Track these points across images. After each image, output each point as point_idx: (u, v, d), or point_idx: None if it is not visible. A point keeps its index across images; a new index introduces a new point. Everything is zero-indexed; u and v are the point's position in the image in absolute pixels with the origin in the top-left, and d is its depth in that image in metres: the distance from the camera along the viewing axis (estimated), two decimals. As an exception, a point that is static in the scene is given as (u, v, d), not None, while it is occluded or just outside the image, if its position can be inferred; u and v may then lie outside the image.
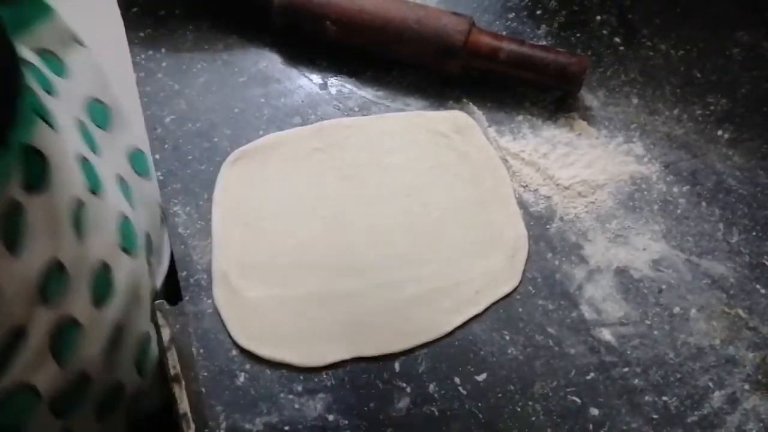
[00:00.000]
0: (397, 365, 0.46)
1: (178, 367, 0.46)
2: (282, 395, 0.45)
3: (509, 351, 0.47)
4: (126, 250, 0.40)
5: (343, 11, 0.55)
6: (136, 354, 0.43)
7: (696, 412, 0.44)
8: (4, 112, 0.29)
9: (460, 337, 0.47)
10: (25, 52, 0.39)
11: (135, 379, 0.44)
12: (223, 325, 0.47)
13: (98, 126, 0.44)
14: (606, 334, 0.47)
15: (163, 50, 0.59)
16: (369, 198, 0.52)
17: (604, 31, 0.59)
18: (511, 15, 0.60)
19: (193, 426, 0.44)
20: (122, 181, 0.43)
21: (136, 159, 0.45)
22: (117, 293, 0.39)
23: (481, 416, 0.45)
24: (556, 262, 0.49)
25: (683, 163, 0.53)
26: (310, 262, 0.49)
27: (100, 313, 0.38)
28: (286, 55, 0.59)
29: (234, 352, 0.47)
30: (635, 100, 0.56)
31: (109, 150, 0.44)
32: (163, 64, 0.58)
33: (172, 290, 0.58)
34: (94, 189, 0.38)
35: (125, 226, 0.41)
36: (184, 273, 0.49)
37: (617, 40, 0.58)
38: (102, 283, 0.38)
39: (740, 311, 0.47)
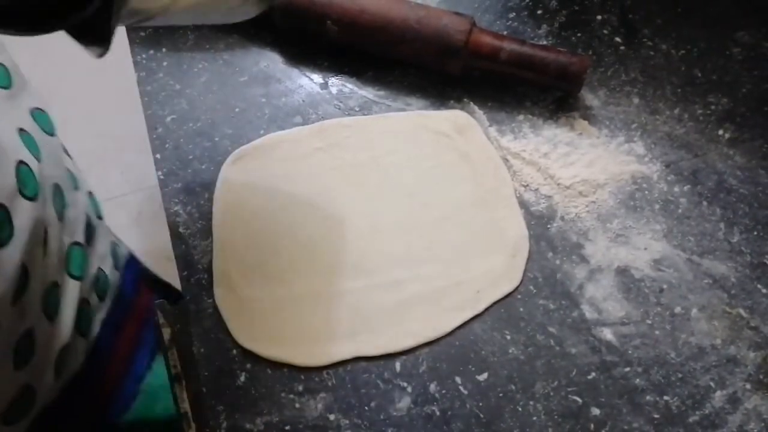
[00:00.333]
0: (397, 365, 0.46)
1: (179, 367, 0.46)
2: (283, 395, 0.45)
3: (510, 351, 0.46)
4: (27, 197, 0.41)
5: (344, 11, 0.55)
6: (43, 300, 0.43)
7: (697, 412, 0.44)
8: None
9: (461, 337, 0.47)
10: None
11: (45, 326, 0.44)
12: (224, 325, 0.47)
13: None
14: (607, 334, 0.47)
15: (164, 50, 0.59)
16: (370, 197, 0.52)
17: (605, 31, 0.59)
18: (512, 15, 0.60)
19: (193, 425, 0.44)
20: (25, 134, 0.44)
21: (38, 118, 0.46)
22: (17, 236, 0.40)
23: (482, 416, 0.45)
24: (557, 262, 0.49)
25: (684, 163, 0.53)
26: (310, 262, 0.49)
27: (1, 253, 0.39)
28: (287, 54, 0.59)
29: (235, 351, 0.47)
30: (636, 100, 0.56)
31: (10, 107, 0.44)
32: (164, 63, 0.58)
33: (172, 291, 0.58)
34: None
35: (24, 173, 0.42)
36: (185, 273, 0.50)
37: (618, 39, 0.58)
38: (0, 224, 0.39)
39: (741, 311, 0.47)
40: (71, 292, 0.47)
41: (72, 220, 0.48)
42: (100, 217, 0.54)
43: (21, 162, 0.41)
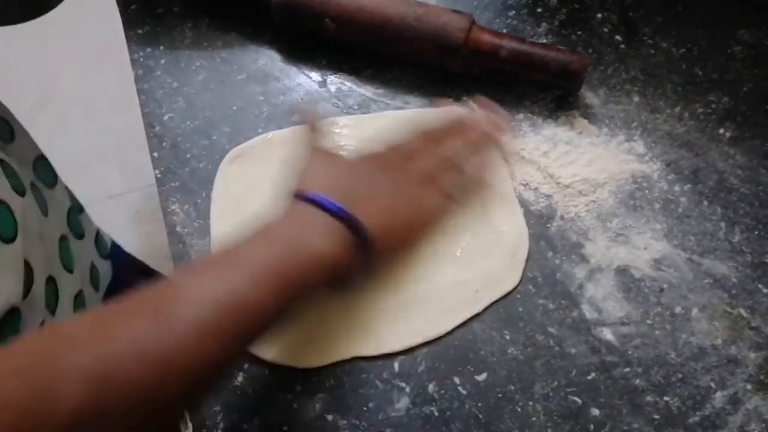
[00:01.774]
0: (396, 365, 0.46)
1: (176, 367, 0.46)
2: (280, 395, 0.45)
3: (509, 351, 0.46)
4: (18, 192, 0.43)
5: (342, 9, 0.54)
6: (45, 294, 0.46)
7: (698, 413, 0.44)
8: None
9: (460, 337, 0.47)
10: None
11: (49, 319, 0.46)
12: (222, 325, 0.47)
13: None
14: (607, 334, 0.47)
15: (161, 48, 0.58)
16: (368, 196, 0.51)
17: (605, 29, 0.59)
18: (512, 13, 0.60)
19: (190, 426, 0.44)
20: None
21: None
22: (19, 231, 0.42)
23: (481, 416, 0.44)
24: (557, 261, 0.49)
25: (685, 162, 0.53)
26: (309, 261, 0.49)
27: (9, 248, 0.40)
28: (285, 52, 0.58)
29: (232, 351, 0.46)
30: (636, 99, 0.55)
31: None
32: (162, 61, 0.58)
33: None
34: None
35: (8, 170, 0.44)
36: (182, 272, 0.49)
37: (618, 38, 0.58)
38: (5, 221, 0.40)
39: (742, 311, 0.47)
40: (67, 284, 0.48)
41: (55, 215, 0.49)
42: (80, 210, 0.55)
43: (2, 160, 0.42)
